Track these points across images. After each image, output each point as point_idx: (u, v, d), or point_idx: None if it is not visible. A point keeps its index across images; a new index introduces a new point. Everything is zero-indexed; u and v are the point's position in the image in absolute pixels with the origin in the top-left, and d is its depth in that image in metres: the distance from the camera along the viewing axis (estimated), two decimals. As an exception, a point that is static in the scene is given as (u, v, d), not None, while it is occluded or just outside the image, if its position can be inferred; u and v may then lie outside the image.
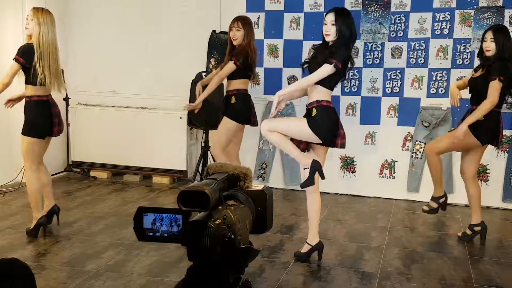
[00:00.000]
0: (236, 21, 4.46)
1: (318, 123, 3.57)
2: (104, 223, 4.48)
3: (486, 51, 3.97)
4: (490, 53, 3.95)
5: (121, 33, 6.07)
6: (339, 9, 3.58)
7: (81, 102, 6.16)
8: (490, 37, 3.94)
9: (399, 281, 3.45)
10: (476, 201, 4.17)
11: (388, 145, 5.40)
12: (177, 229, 1.10)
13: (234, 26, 4.44)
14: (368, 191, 5.46)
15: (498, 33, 3.94)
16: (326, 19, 3.55)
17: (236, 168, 1.27)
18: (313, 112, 3.58)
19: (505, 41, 3.93)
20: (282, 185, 5.68)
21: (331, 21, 3.50)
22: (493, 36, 3.93)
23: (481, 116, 3.90)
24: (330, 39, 3.55)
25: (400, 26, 5.29)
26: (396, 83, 5.34)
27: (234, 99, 4.53)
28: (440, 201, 4.26)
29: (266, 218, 1.28)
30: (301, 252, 3.74)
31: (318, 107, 3.58)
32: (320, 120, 3.57)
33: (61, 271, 3.49)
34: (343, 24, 3.50)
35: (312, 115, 3.57)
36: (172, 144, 5.80)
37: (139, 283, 3.35)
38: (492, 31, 3.96)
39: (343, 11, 3.59)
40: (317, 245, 3.73)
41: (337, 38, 3.53)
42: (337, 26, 3.50)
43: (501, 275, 3.62)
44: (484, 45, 4.00)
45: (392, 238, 4.28)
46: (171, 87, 5.89)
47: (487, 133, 4.01)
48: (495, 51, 3.92)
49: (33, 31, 3.92)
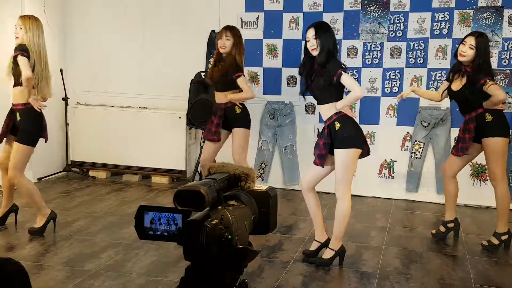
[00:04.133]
0: (226, 30, 4.43)
1: (350, 137, 3.56)
2: (103, 223, 4.47)
3: (460, 55, 3.90)
4: (465, 59, 3.89)
5: (120, 33, 6.07)
6: (319, 23, 3.67)
7: (80, 102, 6.16)
8: (469, 44, 3.86)
9: (398, 281, 3.45)
10: (453, 199, 4.20)
11: (387, 145, 5.41)
12: (175, 228, 1.10)
13: (225, 35, 4.42)
14: (367, 191, 5.46)
15: (480, 41, 3.86)
16: (308, 35, 3.60)
17: (237, 168, 1.27)
18: (337, 125, 3.55)
19: (485, 49, 3.88)
20: (281, 185, 5.68)
21: (313, 35, 3.55)
22: (474, 44, 3.85)
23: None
24: (315, 53, 3.56)
25: (399, 26, 5.29)
26: (395, 83, 5.34)
27: (239, 108, 4.52)
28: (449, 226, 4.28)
29: (269, 218, 1.27)
30: (324, 258, 3.69)
31: (339, 118, 3.57)
32: (347, 130, 3.56)
33: (60, 271, 3.48)
34: (324, 36, 3.55)
35: (337, 129, 3.55)
36: (171, 144, 5.80)
37: (138, 283, 3.35)
38: (475, 38, 3.87)
39: (323, 25, 3.66)
40: (340, 250, 3.70)
41: (321, 50, 3.53)
42: (320, 40, 3.53)
43: (500, 275, 3.62)
44: (460, 48, 3.91)
45: (391, 238, 4.28)
46: (170, 87, 5.89)
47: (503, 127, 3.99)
48: (471, 58, 3.86)
49: (22, 39, 3.96)
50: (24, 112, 3.98)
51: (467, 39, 3.91)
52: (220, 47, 4.43)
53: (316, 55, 3.56)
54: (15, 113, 4.03)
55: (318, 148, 3.64)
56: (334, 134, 3.56)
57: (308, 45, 3.60)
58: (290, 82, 5.59)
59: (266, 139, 5.70)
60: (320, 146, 3.62)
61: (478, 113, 3.98)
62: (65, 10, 6.12)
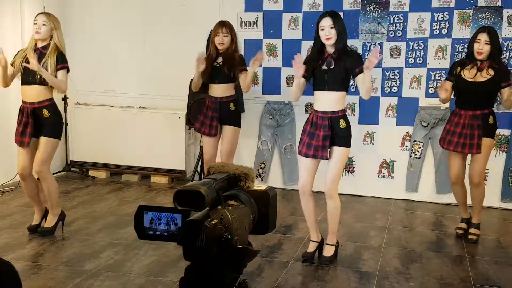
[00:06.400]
0: (223, 27, 4.41)
1: (351, 137, 3.63)
2: (103, 223, 4.47)
3: (478, 53, 3.94)
4: (483, 56, 3.93)
5: (119, 33, 6.07)
6: (333, 12, 3.61)
7: (79, 101, 6.16)
8: (484, 39, 3.91)
9: (397, 281, 3.46)
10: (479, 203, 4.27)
11: (387, 145, 5.41)
12: (175, 228, 1.10)
13: (221, 31, 4.40)
14: (366, 190, 5.47)
15: (492, 35, 3.93)
16: (323, 24, 3.54)
17: (237, 168, 1.27)
18: (342, 123, 3.56)
19: (497, 42, 3.96)
20: (281, 185, 5.68)
21: (329, 24, 3.52)
22: (488, 39, 3.91)
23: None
24: (331, 42, 3.55)
25: (399, 26, 5.29)
26: (395, 83, 5.34)
27: (233, 105, 4.52)
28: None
29: (268, 218, 1.27)
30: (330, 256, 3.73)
31: (344, 116, 3.60)
32: (350, 130, 3.61)
33: (59, 271, 3.48)
34: (340, 25, 3.55)
35: (342, 127, 3.55)
36: (170, 143, 5.80)
37: (138, 282, 3.35)
38: (487, 33, 3.93)
39: (336, 14, 3.62)
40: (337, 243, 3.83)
41: (338, 39, 3.54)
42: (337, 29, 3.53)
43: (500, 274, 3.63)
44: (476, 47, 3.94)
45: (390, 237, 4.29)
46: (170, 87, 5.90)
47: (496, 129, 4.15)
48: (488, 53, 3.92)
49: (46, 35, 3.96)
50: (51, 107, 4.03)
51: (480, 36, 3.93)
52: (218, 43, 4.42)
53: (333, 43, 3.55)
54: (38, 111, 3.97)
55: (317, 139, 3.56)
56: (336, 131, 3.55)
57: (322, 34, 3.55)
58: (290, 82, 5.59)
59: (266, 139, 5.70)
60: (320, 137, 3.55)
61: (484, 112, 4.01)
62: (65, 9, 6.11)
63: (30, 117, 3.96)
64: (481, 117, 4.00)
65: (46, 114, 3.98)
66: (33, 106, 3.97)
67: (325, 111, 3.57)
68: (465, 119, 4.02)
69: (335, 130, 3.55)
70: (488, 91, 3.99)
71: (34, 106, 3.97)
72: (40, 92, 3.97)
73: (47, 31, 3.96)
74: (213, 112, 4.49)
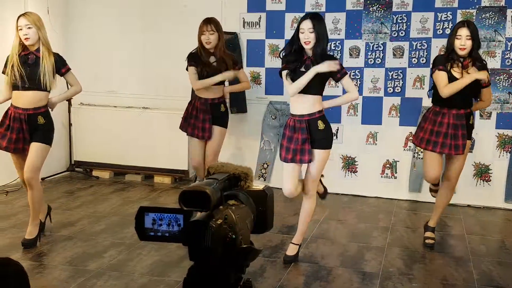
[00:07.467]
0: (208, 24, 4.37)
1: (331, 138, 3.64)
2: (106, 223, 4.48)
3: (461, 49, 3.75)
4: (465, 52, 3.75)
5: (122, 33, 6.08)
6: (314, 15, 3.53)
7: (83, 102, 6.17)
8: (466, 35, 3.73)
9: (400, 282, 3.45)
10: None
11: (390, 145, 5.40)
12: (177, 229, 1.10)
13: (207, 29, 4.36)
14: (369, 191, 5.46)
15: (473, 29, 3.76)
16: (303, 27, 3.47)
17: (237, 168, 1.27)
18: (320, 125, 3.54)
19: (478, 36, 3.79)
20: (284, 185, 5.67)
21: (309, 28, 3.45)
22: (469, 33, 3.73)
23: None
24: (309, 46, 3.49)
25: (402, 26, 5.28)
26: (398, 83, 5.34)
27: (223, 107, 4.54)
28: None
29: (266, 218, 1.28)
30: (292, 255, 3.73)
31: (323, 117, 3.58)
32: (330, 131, 3.61)
33: (63, 271, 3.49)
34: (320, 29, 3.47)
35: (320, 128, 3.54)
36: (173, 144, 5.80)
37: (141, 282, 3.35)
38: (467, 27, 3.75)
39: (318, 16, 3.53)
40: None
41: (316, 44, 3.47)
42: (316, 33, 3.45)
43: (503, 275, 3.62)
44: (458, 43, 3.75)
45: (393, 238, 4.28)
46: (172, 87, 5.90)
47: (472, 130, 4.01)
48: (470, 48, 3.75)
49: (35, 38, 3.82)
50: (46, 114, 3.92)
51: (460, 32, 3.75)
52: (205, 42, 4.37)
53: (312, 47, 3.50)
54: (33, 117, 3.85)
55: (295, 143, 3.54)
56: (315, 133, 3.53)
57: (301, 37, 3.48)
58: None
59: (268, 139, 5.70)
60: (299, 141, 3.53)
61: (467, 112, 3.89)
62: (68, 10, 6.13)
63: (25, 124, 3.83)
64: (465, 117, 3.85)
65: (41, 120, 3.87)
66: (27, 112, 3.82)
67: (302, 114, 3.55)
68: (449, 118, 3.84)
69: (314, 133, 3.54)
70: (474, 91, 3.86)
71: (29, 112, 3.83)
72: (37, 98, 3.85)
73: (35, 34, 3.82)
74: (204, 114, 4.48)
